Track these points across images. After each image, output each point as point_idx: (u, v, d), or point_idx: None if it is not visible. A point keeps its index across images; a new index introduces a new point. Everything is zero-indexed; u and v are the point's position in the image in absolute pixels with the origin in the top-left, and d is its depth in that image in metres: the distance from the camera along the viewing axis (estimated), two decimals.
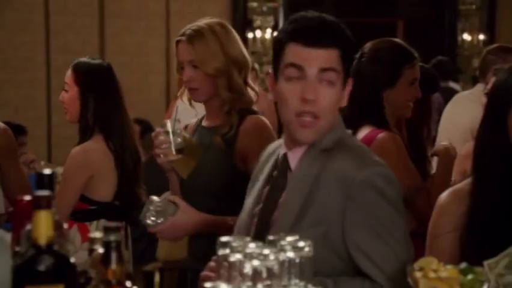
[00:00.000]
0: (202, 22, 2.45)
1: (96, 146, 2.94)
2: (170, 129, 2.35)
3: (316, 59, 1.75)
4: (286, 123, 1.78)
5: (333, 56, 1.76)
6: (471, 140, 2.16)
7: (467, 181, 1.90)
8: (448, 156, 2.83)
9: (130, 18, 8.45)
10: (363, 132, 2.70)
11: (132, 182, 3.02)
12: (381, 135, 2.69)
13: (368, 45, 2.83)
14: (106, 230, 1.31)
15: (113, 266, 1.29)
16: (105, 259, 1.30)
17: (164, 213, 2.24)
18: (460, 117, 3.77)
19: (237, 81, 2.39)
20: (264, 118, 2.46)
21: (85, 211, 2.95)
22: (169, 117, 2.84)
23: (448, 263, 1.50)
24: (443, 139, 3.40)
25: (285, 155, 1.81)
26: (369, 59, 2.77)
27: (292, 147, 1.80)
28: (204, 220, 2.29)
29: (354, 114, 2.56)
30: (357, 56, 2.73)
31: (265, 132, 2.39)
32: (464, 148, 2.88)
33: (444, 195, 1.92)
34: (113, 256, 1.30)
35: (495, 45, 3.99)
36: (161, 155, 2.37)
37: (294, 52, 1.76)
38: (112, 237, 1.30)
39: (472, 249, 1.78)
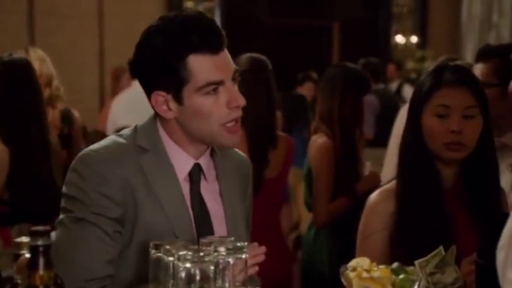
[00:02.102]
0: None
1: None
2: None
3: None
4: (209, 133, 1.74)
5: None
6: None
7: (395, 181, 1.93)
8: None
9: (62, 17, 8.27)
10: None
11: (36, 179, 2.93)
12: None
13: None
14: (33, 234, 1.26)
15: (41, 271, 1.25)
16: (32, 264, 1.26)
17: None
18: None
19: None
20: None
21: (1, 215, 2.86)
22: (104, 118, 2.81)
23: (379, 261, 1.52)
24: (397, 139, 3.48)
25: (198, 165, 1.79)
26: None
27: (200, 157, 1.79)
28: None
29: None
30: None
31: None
32: None
33: (373, 195, 1.94)
34: (41, 261, 1.26)
35: (443, 57, 4.06)
36: None
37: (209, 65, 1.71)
38: (40, 242, 1.26)
39: (401, 248, 1.80)
